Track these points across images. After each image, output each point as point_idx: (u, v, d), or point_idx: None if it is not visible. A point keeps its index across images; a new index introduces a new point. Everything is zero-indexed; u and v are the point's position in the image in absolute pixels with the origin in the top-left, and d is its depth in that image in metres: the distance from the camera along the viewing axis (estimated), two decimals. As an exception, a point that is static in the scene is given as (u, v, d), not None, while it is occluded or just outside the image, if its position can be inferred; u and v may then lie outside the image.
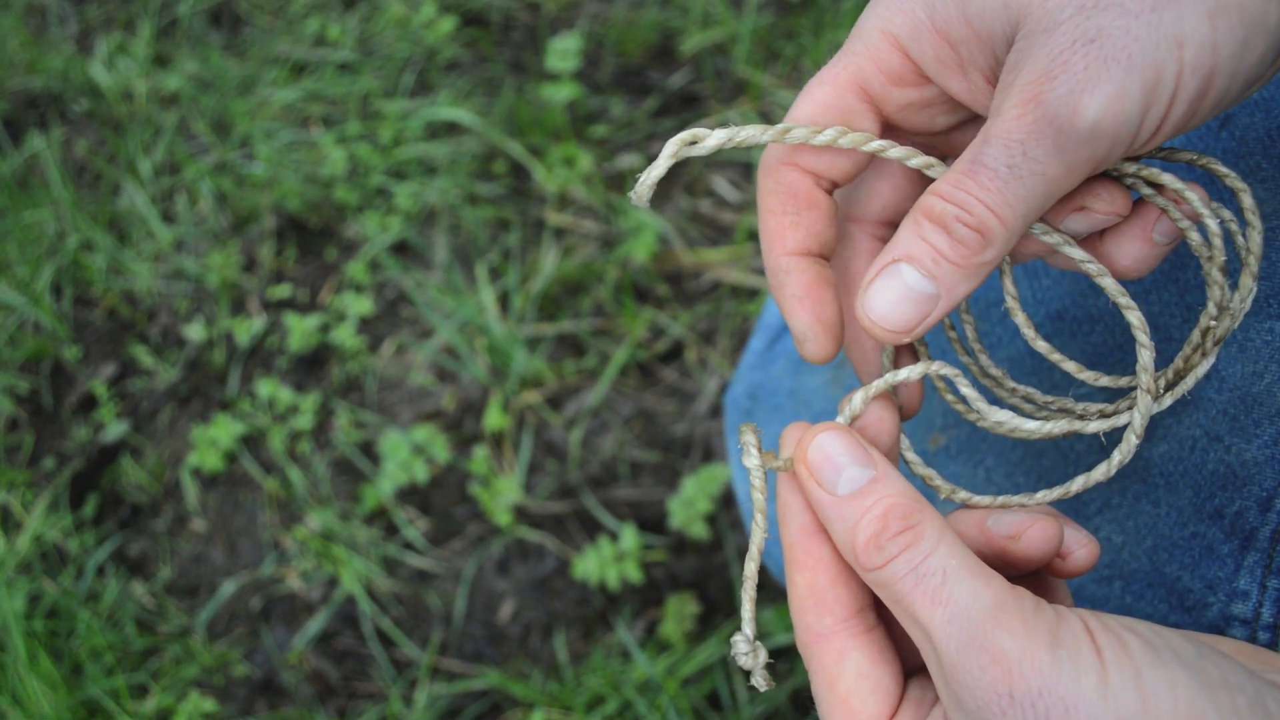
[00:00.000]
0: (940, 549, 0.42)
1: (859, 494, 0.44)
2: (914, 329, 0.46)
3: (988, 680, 0.39)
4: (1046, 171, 0.42)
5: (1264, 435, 0.51)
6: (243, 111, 1.87)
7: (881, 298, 0.45)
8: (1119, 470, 0.59)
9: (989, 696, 0.39)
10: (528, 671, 1.35)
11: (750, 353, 0.96)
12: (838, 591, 0.46)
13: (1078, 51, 0.40)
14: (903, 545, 0.42)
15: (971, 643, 0.39)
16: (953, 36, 0.45)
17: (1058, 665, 0.38)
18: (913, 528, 0.42)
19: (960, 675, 0.39)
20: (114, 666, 1.38)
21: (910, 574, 0.42)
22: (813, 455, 0.45)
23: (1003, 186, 0.42)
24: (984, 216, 0.43)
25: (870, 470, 0.44)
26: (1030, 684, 0.38)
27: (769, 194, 0.50)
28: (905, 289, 0.45)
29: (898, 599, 0.42)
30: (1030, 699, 0.38)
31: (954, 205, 0.43)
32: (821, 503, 0.45)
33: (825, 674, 0.46)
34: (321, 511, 1.47)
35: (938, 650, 0.40)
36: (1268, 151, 0.53)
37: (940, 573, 0.41)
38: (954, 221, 0.43)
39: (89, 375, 1.66)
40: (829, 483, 0.45)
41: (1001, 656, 0.39)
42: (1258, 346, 0.51)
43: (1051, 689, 0.38)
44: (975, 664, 0.39)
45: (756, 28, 1.85)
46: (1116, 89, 0.40)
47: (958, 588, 0.41)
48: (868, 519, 0.43)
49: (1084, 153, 0.41)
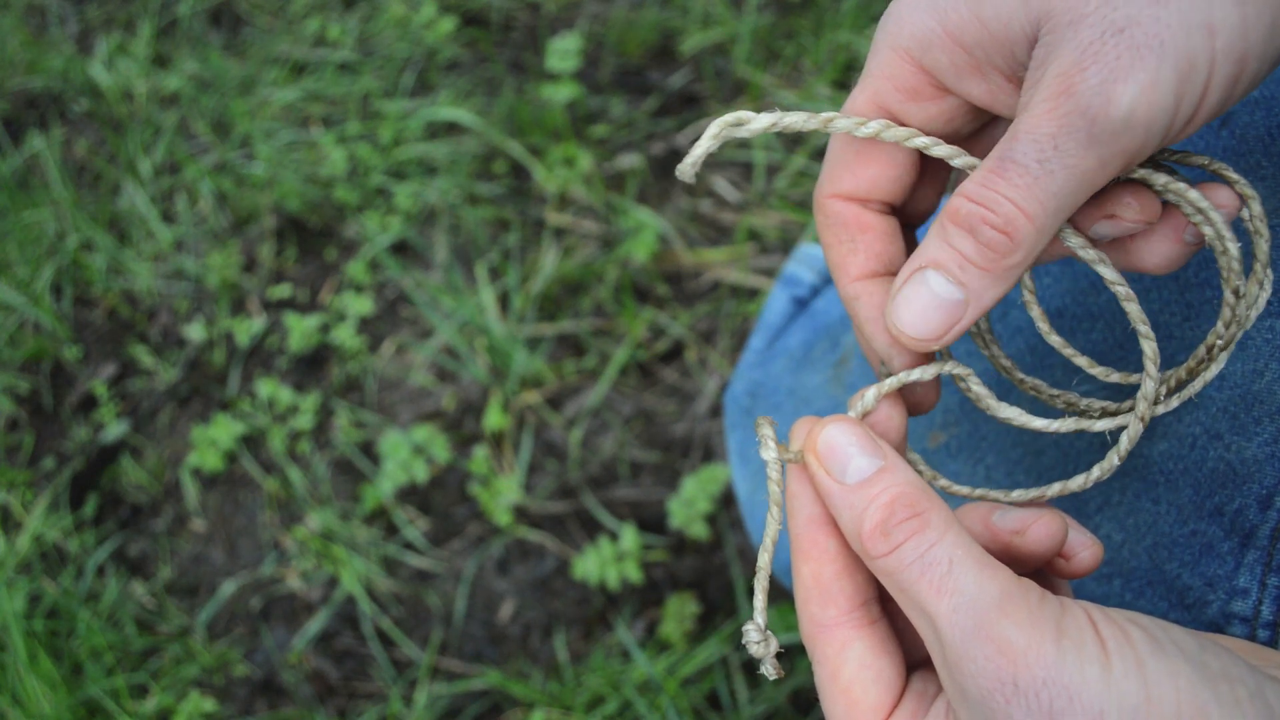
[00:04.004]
0: (947, 538, 0.42)
1: (867, 482, 0.44)
2: (943, 337, 0.45)
3: (992, 669, 0.39)
4: (1079, 165, 0.41)
5: (1264, 433, 0.51)
6: (243, 111, 1.87)
7: (909, 307, 0.45)
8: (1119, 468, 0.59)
9: (993, 685, 0.39)
10: (528, 671, 1.35)
11: (750, 351, 0.96)
12: (842, 584, 0.46)
13: (1108, 42, 0.39)
14: (909, 533, 0.42)
15: (977, 632, 0.39)
16: (967, 40, 0.44)
17: (1062, 655, 0.38)
18: (919, 515, 0.43)
19: (965, 664, 0.39)
20: (114, 666, 1.38)
21: (916, 562, 0.42)
22: (822, 445, 0.45)
23: (1032, 183, 0.42)
24: (1011, 215, 0.42)
25: (879, 460, 0.45)
26: (1035, 674, 0.38)
27: (823, 228, 0.51)
28: (932, 296, 0.45)
29: (903, 587, 0.42)
30: (1034, 689, 0.38)
31: (980, 206, 0.43)
32: (830, 491, 0.45)
33: (828, 664, 0.46)
34: (321, 511, 1.47)
35: (942, 639, 0.40)
36: (1268, 150, 0.53)
37: (946, 561, 0.41)
38: (980, 224, 0.43)
39: (89, 375, 1.66)
40: (837, 471, 0.45)
41: (1007, 646, 0.39)
42: (1258, 345, 0.51)
43: (1055, 679, 0.38)
44: (980, 653, 0.39)
45: (756, 28, 1.85)
46: (1150, 77, 0.39)
47: (964, 577, 0.41)
48: (874, 506, 0.43)
49: (1118, 144, 0.41)
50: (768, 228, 1.65)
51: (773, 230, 1.64)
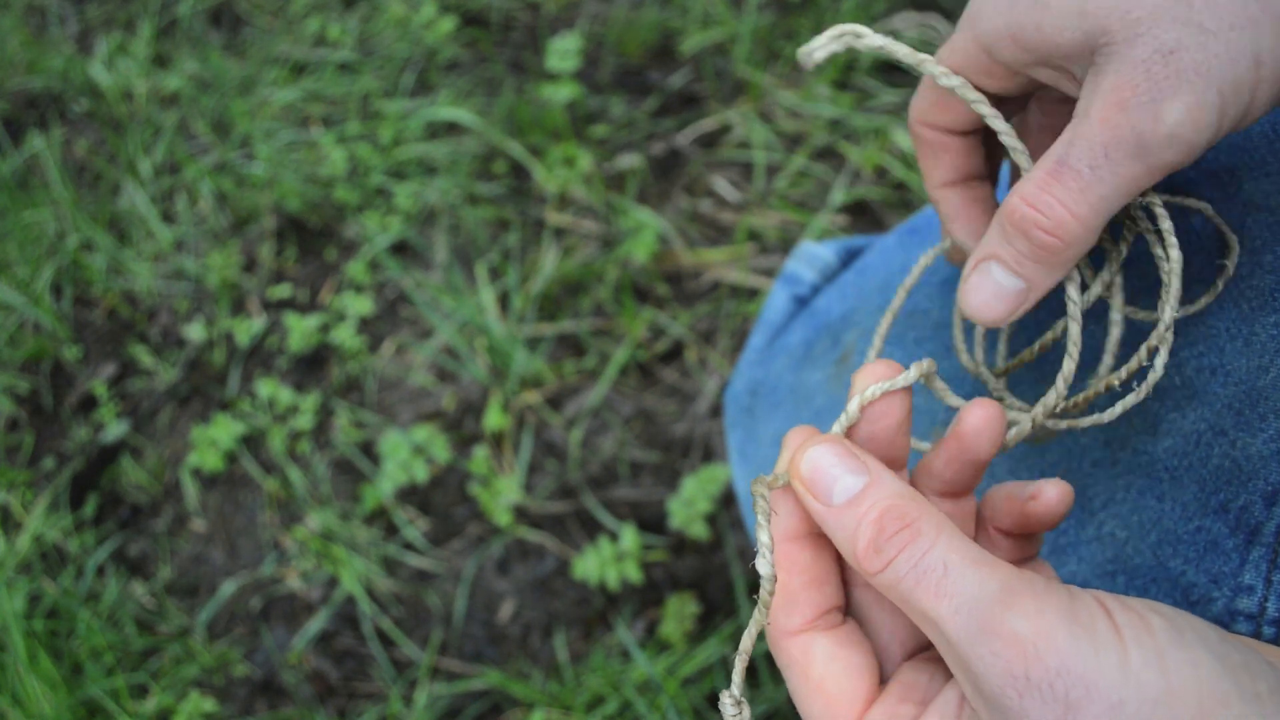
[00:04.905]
0: (939, 544, 0.42)
1: (854, 501, 0.44)
2: (1009, 316, 0.52)
3: (1002, 665, 0.38)
4: (1127, 173, 0.46)
5: (1269, 429, 0.50)
6: (243, 111, 1.87)
7: (977, 294, 0.52)
8: (1123, 465, 0.59)
9: (1004, 680, 0.38)
10: (528, 671, 1.35)
11: (750, 349, 0.96)
12: (810, 594, 0.47)
13: (1157, 62, 0.44)
14: (900, 545, 0.42)
15: (983, 629, 0.39)
16: (1027, 44, 0.49)
17: (1075, 643, 0.37)
18: (909, 526, 0.42)
19: (974, 664, 0.39)
20: (114, 666, 1.37)
21: (911, 572, 0.42)
22: (805, 469, 0.46)
23: (1085, 187, 0.46)
24: (1062, 219, 0.47)
25: (864, 477, 0.45)
26: (1047, 664, 0.37)
27: (915, 141, 0.60)
28: (996, 286, 0.51)
29: (904, 598, 0.42)
30: (1048, 680, 0.37)
31: (1033, 210, 0.48)
32: (819, 514, 0.45)
33: (796, 665, 0.46)
34: (321, 511, 1.47)
35: (950, 641, 0.40)
36: (1272, 146, 0.53)
37: (941, 566, 0.41)
38: (1034, 229, 0.48)
39: (89, 375, 1.66)
40: (824, 494, 0.45)
41: (1014, 639, 0.38)
42: (1263, 340, 0.51)
43: (1070, 668, 0.37)
44: (988, 649, 0.39)
45: (756, 28, 1.85)
46: (1196, 99, 0.43)
47: (961, 578, 0.41)
48: (864, 524, 0.43)
49: (1163, 157, 0.45)
50: (768, 228, 1.65)
51: (773, 230, 1.64)
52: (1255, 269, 0.52)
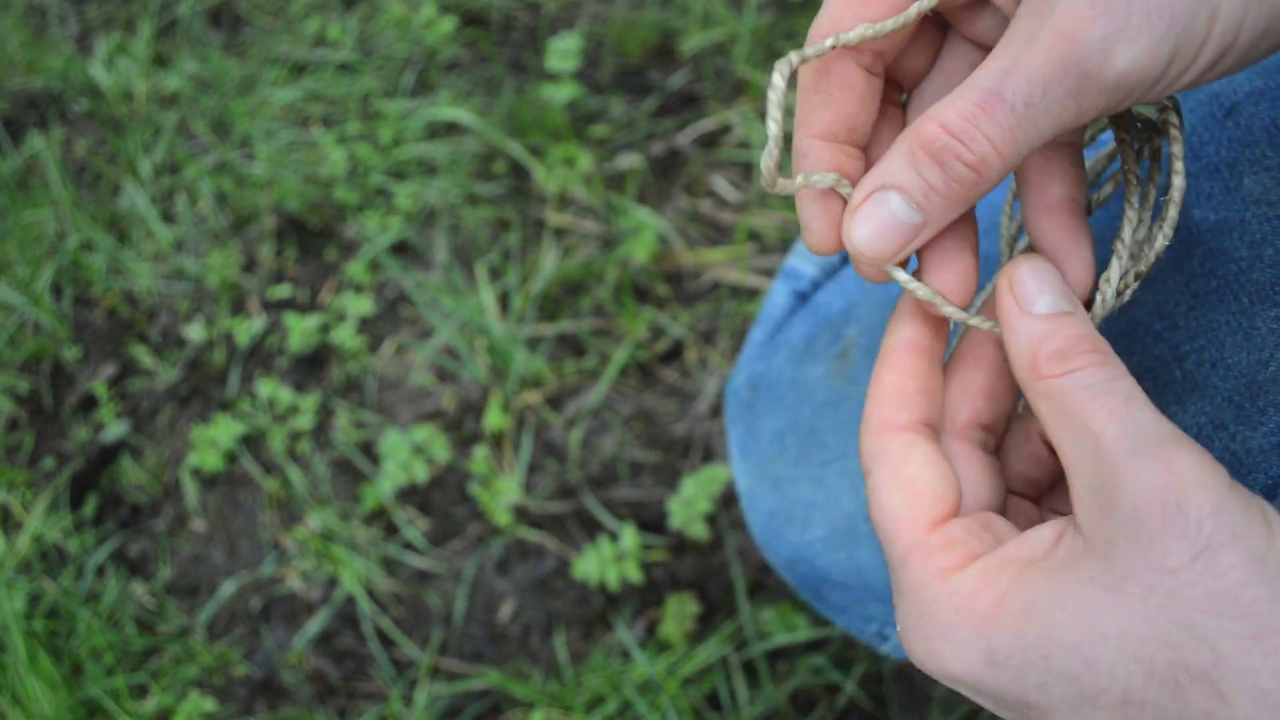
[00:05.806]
0: (1129, 379, 0.41)
1: (1053, 316, 0.43)
2: (897, 255, 0.46)
3: (1157, 485, 0.37)
4: (1061, 113, 0.41)
5: (1269, 423, 0.50)
6: (243, 111, 1.87)
7: (867, 225, 0.45)
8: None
9: (1153, 501, 0.37)
10: (528, 671, 1.35)
11: (751, 344, 0.96)
12: (921, 398, 0.46)
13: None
14: (1087, 363, 0.41)
15: (1148, 451, 0.38)
16: None
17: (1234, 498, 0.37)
18: (1104, 355, 0.42)
19: (1125, 479, 0.38)
20: (114, 666, 1.37)
21: (1092, 385, 0.41)
22: (1022, 273, 0.45)
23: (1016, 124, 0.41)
24: (985, 153, 0.42)
25: (1070, 307, 0.44)
26: (1201, 504, 0.36)
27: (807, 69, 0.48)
28: (892, 219, 0.45)
29: (1069, 409, 0.41)
30: (1199, 517, 0.36)
31: (956, 140, 0.42)
32: (1009, 314, 0.44)
33: (891, 459, 0.45)
34: (321, 511, 1.47)
35: (1104, 455, 0.39)
36: (1273, 140, 0.53)
37: (1124, 394, 0.40)
38: (952, 159, 0.42)
39: (89, 375, 1.66)
40: (1025, 300, 0.44)
41: (1180, 470, 0.37)
42: (1263, 334, 0.51)
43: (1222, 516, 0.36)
44: (1148, 469, 0.37)
45: (756, 28, 1.85)
46: (1153, 44, 0.39)
47: (1141, 412, 0.40)
48: (1060, 335, 0.43)
49: (1100, 101, 0.41)
50: (768, 228, 1.65)
51: (773, 230, 1.64)
52: (1255, 263, 0.52)
